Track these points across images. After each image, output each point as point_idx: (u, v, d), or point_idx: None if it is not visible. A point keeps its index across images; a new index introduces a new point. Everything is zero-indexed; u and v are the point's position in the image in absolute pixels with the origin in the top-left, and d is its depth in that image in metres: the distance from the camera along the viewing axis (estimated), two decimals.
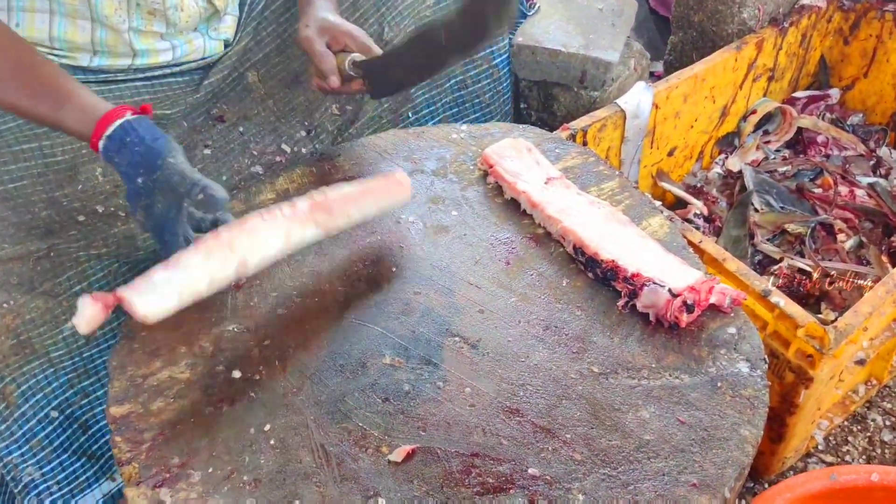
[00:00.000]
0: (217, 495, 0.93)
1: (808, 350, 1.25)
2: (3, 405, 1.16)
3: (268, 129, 1.48)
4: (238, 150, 1.44)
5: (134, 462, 0.97)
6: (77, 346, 1.23)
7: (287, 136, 1.50)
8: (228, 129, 1.44)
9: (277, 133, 1.49)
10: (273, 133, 1.48)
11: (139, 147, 1.05)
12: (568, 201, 1.27)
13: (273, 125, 1.48)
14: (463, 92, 1.74)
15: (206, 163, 1.40)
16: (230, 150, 1.43)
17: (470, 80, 1.74)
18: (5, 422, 1.16)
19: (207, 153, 1.40)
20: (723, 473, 0.95)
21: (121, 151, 1.06)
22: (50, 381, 1.21)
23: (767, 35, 1.94)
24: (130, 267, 1.28)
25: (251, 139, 1.46)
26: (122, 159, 1.06)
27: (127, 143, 1.06)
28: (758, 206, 1.87)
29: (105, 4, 1.26)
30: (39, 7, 1.24)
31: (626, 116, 1.69)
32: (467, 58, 1.47)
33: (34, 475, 1.21)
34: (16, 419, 1.17)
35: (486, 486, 0.94)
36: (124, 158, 1.06)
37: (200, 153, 1.40)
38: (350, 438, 0.99)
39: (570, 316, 1.14)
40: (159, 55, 1.36)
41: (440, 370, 1.06)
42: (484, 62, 1.74)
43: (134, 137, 1.06)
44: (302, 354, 1.09)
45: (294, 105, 1.51)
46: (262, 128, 1.48)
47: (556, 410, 1.02)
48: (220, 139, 1.43)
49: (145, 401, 1.04)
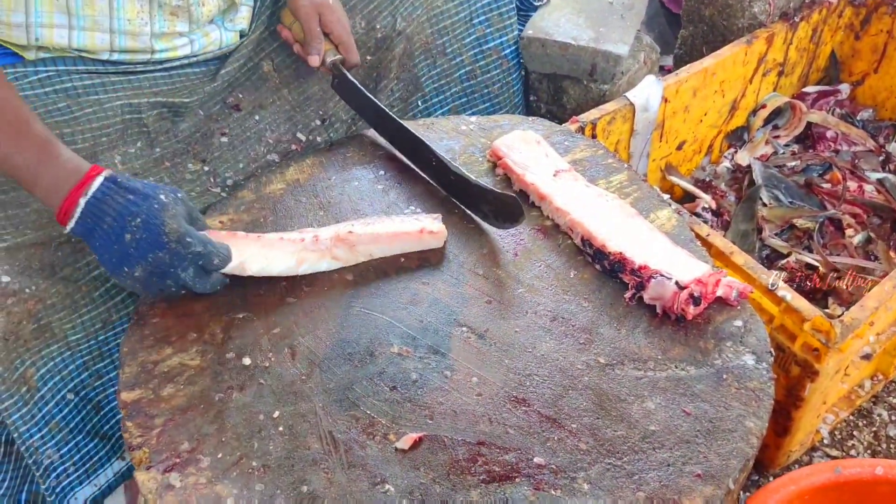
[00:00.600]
0: (226, 480, 0.95)
1: (814, 344, 1.26)
2: (24, 388, 1.16)
3: (283, 118, 1.49)
4: (254, 138, 1.45)
5: (144, 447, 0.98)
6: (94, 329, 1.24)
7: (302, 125, 1.51)
8: (244, 118, 1.45)
9: (293, 122, 1.50)
10: (288, 122, 1.50)
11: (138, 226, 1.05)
12: (576, 194, 1.27)
13: (288, 114, 1.49)
14: (472, 82, 1.75)
15: (223, 150, 1.41)
16: (246, 139, 1.44)
17: (479, 71, 1.75)
18: (27, 404, 1.17)
19: (224, 141, 1.41)
20: (727, 465, 0.95)
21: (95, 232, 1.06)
22: (67, 363, 1.22)
23: (778, 30, 1.93)
24: None
25: (267, 127, 1.47)
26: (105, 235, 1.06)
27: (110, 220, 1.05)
28: (766, 200, 1.87)
29: (127, 9, 1.27)
30: (58, 23, 1.25)
31: (635, 110, 1.69)
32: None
33: (53, 457, 1.22)
34: (35, 402, 1.18)
35: (491, 474, 0.95)
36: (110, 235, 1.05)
37: (217, 141, 1.41)
38: (358, 426, 1.00)
39: (577, 307, 1.14)
40: (178, 50, 1.38)
41: (447, 359, 1.07)
42: (493, 53, 1.75)
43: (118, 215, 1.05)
44: (311, 342, 1.10)
45: (309, 94, 1.53)
46: (278, 116, 1.49)
47: (563, 400, 1.02)
48: (237, 127, 1.44)
49: (156, 387, 1.05)
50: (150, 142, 1.34)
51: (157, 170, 1.34)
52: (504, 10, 1.74)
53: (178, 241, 1.05)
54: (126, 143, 1.32)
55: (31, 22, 1.23)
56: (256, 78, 1.47)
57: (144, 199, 1.05)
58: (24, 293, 1.16)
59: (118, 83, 1.31)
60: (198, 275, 1.09)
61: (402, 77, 1.66)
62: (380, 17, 1.58)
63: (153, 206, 1.05)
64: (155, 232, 1.04)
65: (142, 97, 1.33)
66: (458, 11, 1.69)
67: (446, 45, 1.70)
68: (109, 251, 1.05)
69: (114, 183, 1.06)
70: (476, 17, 1.72)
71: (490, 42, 1.75)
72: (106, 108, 1.29)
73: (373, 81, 1.62)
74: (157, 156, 1.35)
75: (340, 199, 1.32)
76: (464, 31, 1.72)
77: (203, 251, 1.07)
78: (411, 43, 1.64)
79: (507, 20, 1.76)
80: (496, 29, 1.74)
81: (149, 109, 1.34)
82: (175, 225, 1.05)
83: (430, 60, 1.70)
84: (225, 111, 1.43)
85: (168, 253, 1.05)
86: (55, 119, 1.24)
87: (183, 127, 1.38)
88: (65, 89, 1.26)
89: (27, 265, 1.17)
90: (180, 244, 1.05)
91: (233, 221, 1.29)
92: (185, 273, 1.07)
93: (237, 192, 1.35)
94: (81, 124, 1.27)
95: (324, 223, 1.26)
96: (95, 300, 1.24)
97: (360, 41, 1.56)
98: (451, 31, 1.70)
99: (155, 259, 1.04)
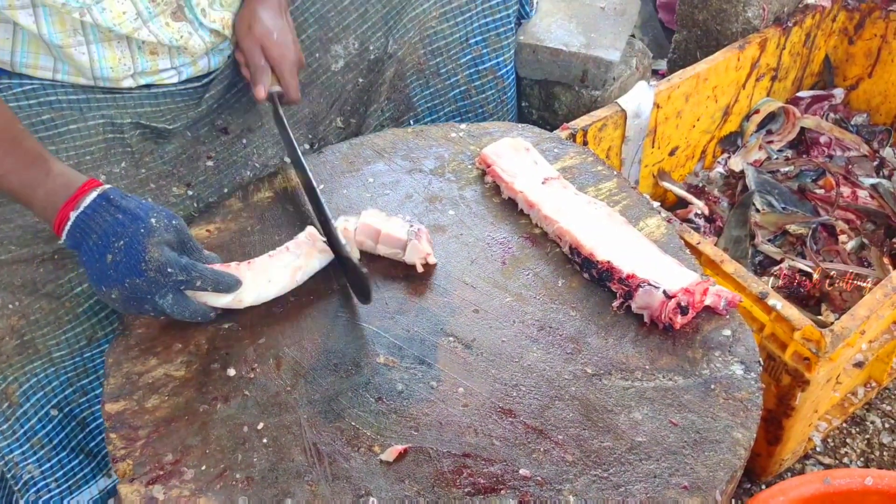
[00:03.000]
0: (209, 493, 0.94)
1: (804, 353, 1.25)
2: (5, 404, 1.16)
3: (271, 142, 1.47)
4: (240, 162, 1.43)
5: (128, 459, 0.98)
6: (79, 346, 1.24)
7: None
8: (232, 141, 1.43)
9: (280, 146, 1.47)
10: (276, 145, 1.47)
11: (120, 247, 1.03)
12: (565, 201, 1.26)
13: (276, 138, 1.46)
14: (467, 101, 1.73)
15: (209, 175, 1.40)
16: (233, 163, 1.42)
17: (474, 91, 1.73)
18: (7, 420, 1.17)
19: (210, 165, 1.39)
20: (714, 476, 0.95)
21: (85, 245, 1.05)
22: (51, 380, 1.21)
23: (771, 34, 1.93)
24: None
25: (254, 151, 1.45)
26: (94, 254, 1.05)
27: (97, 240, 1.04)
28: (759, 206, 1.86)
29: (108, 57, 1.26)
30: (43, 65, 1.24)
31: (626, 116, 1.69)
32: None
33: (34, 472, 1.22)
34: (17, 418, 1.18)
35: (477, 487, 0.94)
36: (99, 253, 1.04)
37: (203, 164, 1.39)
38: (342, 437, 0.99)
39: (564, 316, 1.14)
40: (165, 79, 1.36)
41: (434, 370, 1.07)
42: (489, 73, 1.73)
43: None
44: (296, 353, 1.09)
45: (298, 118, 1.50)
46: (265, 140, 1.46)
47: (549, 411, 1.02)
48: (224, 151, 1.42)
49: (140, 398, 1.04)
50: (134, 162, 1.32)
51: (143, 191, 1.32)
52: (502, 31, 1.71)
53: (158, 271, 1.03)
54: (110, 163, 1.30)
55: (17, 61, 1.23)
56: (246, 101, 1.45)
57: (133, 221, 1.04)
58: (7, 309, 1.16)
59: (102, 100, 1.29)
60: (177, 303, 1.06)
61: (392, 98, 1.64)
62: (373, 38, 1.56)
63: (139, 230, 1.03)
64: (135, 258, 1.02)
65: (125, 117, 1.31)
66: (452, 32, 1.66)
67: (440, 66, 1.68)
68: (92, 268, 1.04)
69: (106, 200, 1.05)
70: (472, 37, 1.69)
71: (486, 62, 1.73)
72: (90, 125, 1.28)
73: (363, 105, 1.60)
74: (143, 177, 1.33)
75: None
76: (459, 52, 1.69)
77: (186, 279, 1.05)
78: (403, 65, 1.61)
79: (505, 40, 1.73)
80: (493, 49, 1.71)
81: (131, 130, 1.31)
82: (157, 254, 1.03)
83: (422, 81, 1.68)
84: (213, 134, 1.41)
85: (145, 281, 1.03)
86: (39, 134, 1.23)
87: (169, 148, 1.36)
88: (49, 102, 1.25)
89: (10, 281, 1.17)
90: (160, 273, 1.03)
91: (220, 230, 1.28)
92: (164, 300, 1.05)
93: (224, 201, 1.34)
94: (66, 141, 1.25)
95: None
96: (80, 316, 1.23)
97: (353, 63, 1.55)
98: (446, 51, 1.68)
99: (132, 285, 1.03)
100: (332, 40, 1.52)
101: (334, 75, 1.54)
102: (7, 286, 1.16)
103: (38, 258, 1.19)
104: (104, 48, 1.25)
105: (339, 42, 1.53)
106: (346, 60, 1.53)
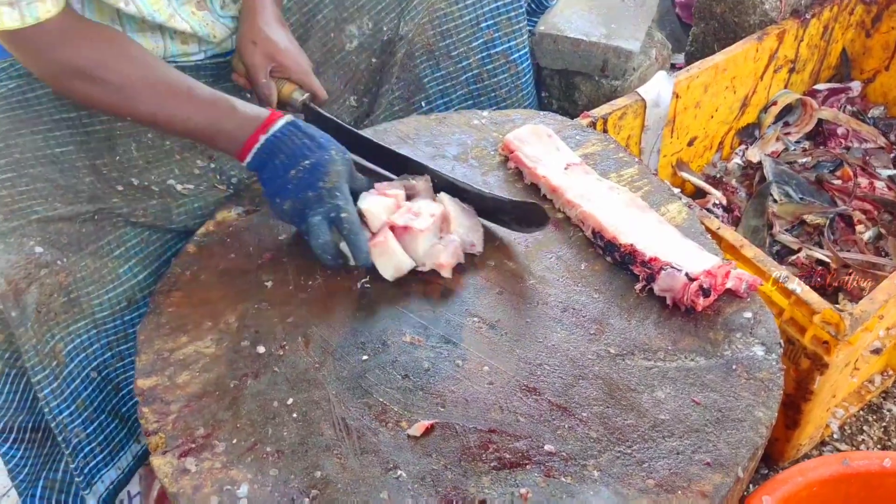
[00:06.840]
0: (241, 465, 0.96)
1: (823, 336, 1.26)
2: (54, 363, 1.17)
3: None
4: None
5: (160, 432, 1.00)
6: (119, 308, 1.26)
7: None
8: None
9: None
10: None
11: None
12: (587, 186, 1.28)
13: (299, 116, 1.48)
14: (479, 85, 1.73)
15: None
16: None
17: (486, 75, 1.73)
18: (56, 379, 1.18)
19: None
20: (736, 453, 0.96)
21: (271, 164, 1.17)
22: (92, 341, 1.23)
23: (789, 26, 1.94)
24: (160, 236, 1.31)
25: None
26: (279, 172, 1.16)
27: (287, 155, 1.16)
28: (777, 196, 1.87)
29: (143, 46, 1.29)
30: None
31: (646, 105, 1.70)
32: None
33: (80, 436, 1.24)
34: (64, 377, 1.19)
35: (502, 462, 0.96)
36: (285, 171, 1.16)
37: None
38: (370, 413, 1.01)
39: (587, 298, 1.15)
40: (191, 57, 1.40)
41: (459, 349, 1.08)
42: (501, 57, 1.73)
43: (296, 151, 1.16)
44: (324, 332, 1.11)
45: None
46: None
47: (573, 390, 1.03)
48: None
49: (172, 374, 1.07)
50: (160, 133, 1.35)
51: (169, 161, 1.35)
52: (513, 14, 1.71)
53: (329, 191, 1.14)
54: (139, 132, 1.33)
55: None
56: None
57: (319, 148, 1.17)
58: (56, 265, 1.17)
59: None
60: (319, 227, 1.14)
61: (402, 77, 1.65)
62: (387, 18, 1.58)
63: (324, 156, 1.16)
64: (316, 176, 1.14)
65: None
66: (461, 14, 1.66)
67: (451, 48, 1.68)
68: (273, 183, 1.16)
69: (295, 126, 1.19)
70: (483, 20, 1.69)
71: (498, 46, 1.72)
72: None
73: (375, 85, 1.62)
74: (168, 147, 1.36)
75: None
76: (470, 35, 1.69)
77: (340, 212, 1.14)
78: (412, 45, 1.63)
79: (517, 24, 1.72)
80: (504, 33, 1.71)
81: None
82: (336, 177, 1.15)
83: (432, 62, 1.68)
84: None
85: (316, 196, 1.14)
86: (72, 101, 1.26)
87: None
88: None
89: (56, 238, 1.19)
90: (329, 194, 1.14)
91: (248, 213, 1.30)
92: (313, 219, 1.14)
93: (253, 185, 1.36)
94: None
95: None
96: (120, 276, 1.25)
97: (367, 43, 1.57)
98: (456, 33, 1.68)
99: (304, 198, 1.14)
100: (346, 20, 1.55)
101: (349, 55, 1.57)
102: (55, 243, 1.18)
103: (80, 217, 1.22)
104: (139, 38, 1.30)
105: (353, 22, 1.55)
106: (360, 40, 1.55)
